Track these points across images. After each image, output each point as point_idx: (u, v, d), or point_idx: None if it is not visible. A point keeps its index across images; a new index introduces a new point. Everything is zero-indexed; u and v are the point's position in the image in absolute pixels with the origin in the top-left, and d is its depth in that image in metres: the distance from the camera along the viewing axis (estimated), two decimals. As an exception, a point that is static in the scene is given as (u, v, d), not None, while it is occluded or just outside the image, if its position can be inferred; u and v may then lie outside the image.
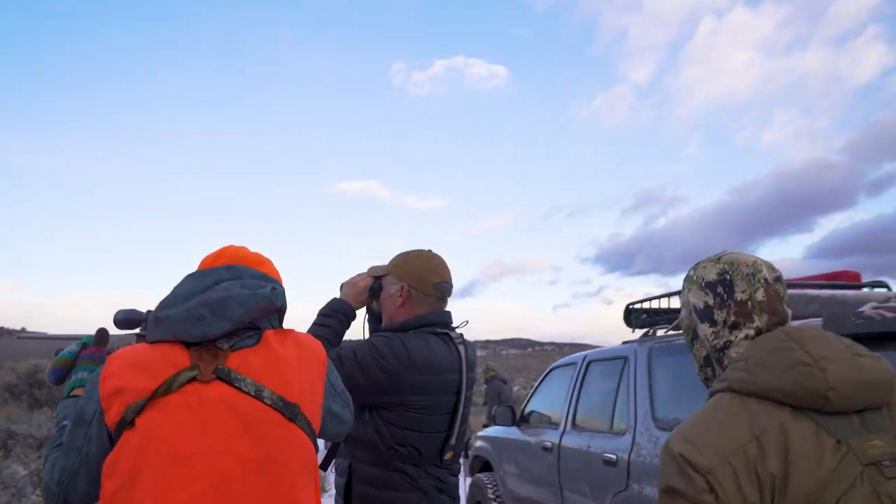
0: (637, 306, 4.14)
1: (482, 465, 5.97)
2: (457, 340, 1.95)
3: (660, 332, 3.95)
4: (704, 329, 1.20)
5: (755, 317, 1.16)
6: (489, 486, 5.46)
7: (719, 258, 1.23)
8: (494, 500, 5.31)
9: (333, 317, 1.88)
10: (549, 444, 4.49)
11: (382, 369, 1.75)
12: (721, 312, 1.18)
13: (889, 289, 3.27)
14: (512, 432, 5.29)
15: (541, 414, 5.09)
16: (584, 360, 4.63)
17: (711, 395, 1.12)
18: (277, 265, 1.40)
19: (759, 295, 1.16)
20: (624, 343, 4.27)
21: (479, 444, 6.05)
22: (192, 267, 1.33)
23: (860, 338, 1.35)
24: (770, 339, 1.11)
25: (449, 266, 2.00)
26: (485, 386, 10.52)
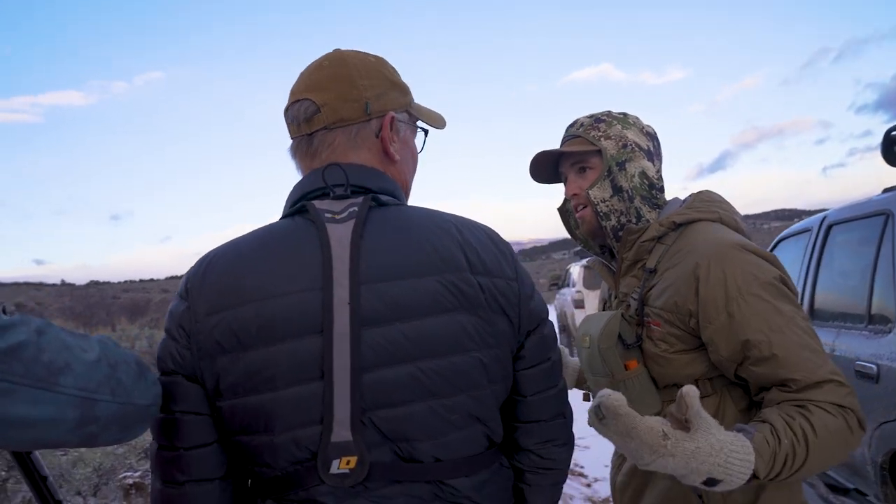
0: (905, 131, 2.64)
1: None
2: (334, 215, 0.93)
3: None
4: (647, 166, 1.39)
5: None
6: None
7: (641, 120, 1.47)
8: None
9: None
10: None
11: None
12: (657, 161, 1.43)
13: None
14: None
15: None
16: (821, 223, 3.22)
17: (685, 222, 1.34)
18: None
19: None
20: (886, 191, 2.80)
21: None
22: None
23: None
24: (720, 196, 1.43)
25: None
26: None
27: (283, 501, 0.89)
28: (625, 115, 1.42)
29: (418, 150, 1.11)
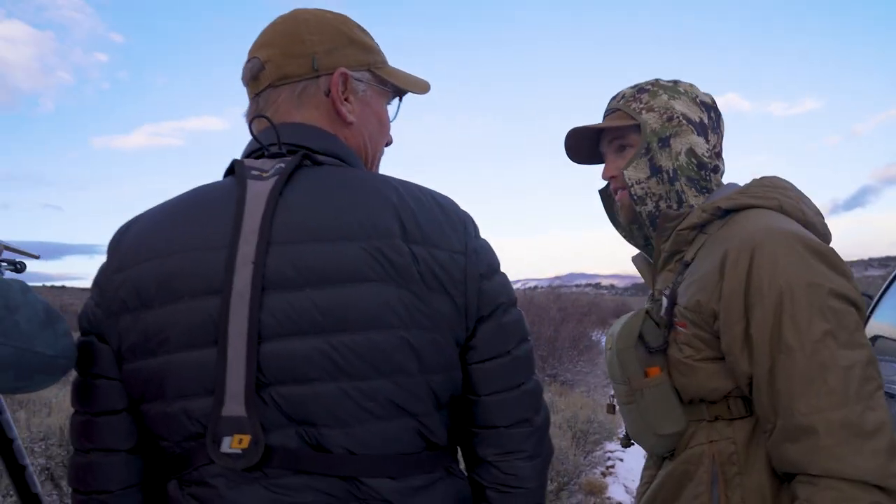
0: None
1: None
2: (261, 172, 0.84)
3: None
4: (697, 142, 1.17)
5: (723, 156, 1.22)
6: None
7: (696, 88, 1.23)
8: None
9: None
10: None
11: None
12: (714, 136, 1.19)
13: None
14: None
15: (889, 340, 3.27)
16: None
17: (733, 208, 1.10)
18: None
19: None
20: None
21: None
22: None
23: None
24: (787, 182, 1.16)
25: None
26: None
27: (182, 483, 0.80)
28: (676, 82, 1.22)
29: (390, 116, 1.00)
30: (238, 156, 0.90)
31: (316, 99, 0.90)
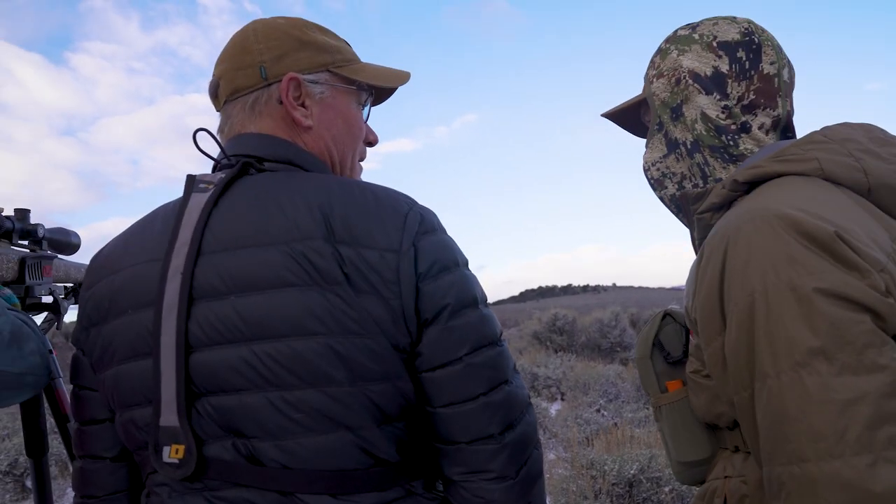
0: None
1: None
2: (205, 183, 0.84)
3: None
4: (707, 102, 0.92)
5: (779, 100, 0.92)
6: None
7: (733, 18, 0.94)
8: None
9: None
10: None
11: None
12: (738, 85, 0.92)
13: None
14: None
15: None
16: None
17: (753, 180, 0.83)
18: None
19: (786, 74, 0.93)
20: None
21: None
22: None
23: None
24: (863, 128, 0.84)
25: None
26: None
27: (148, 492, 0.84)
28: (695, 26, 0.96)
29: (363, 114, 0.96)
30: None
31: (269, 107, 0.88)
